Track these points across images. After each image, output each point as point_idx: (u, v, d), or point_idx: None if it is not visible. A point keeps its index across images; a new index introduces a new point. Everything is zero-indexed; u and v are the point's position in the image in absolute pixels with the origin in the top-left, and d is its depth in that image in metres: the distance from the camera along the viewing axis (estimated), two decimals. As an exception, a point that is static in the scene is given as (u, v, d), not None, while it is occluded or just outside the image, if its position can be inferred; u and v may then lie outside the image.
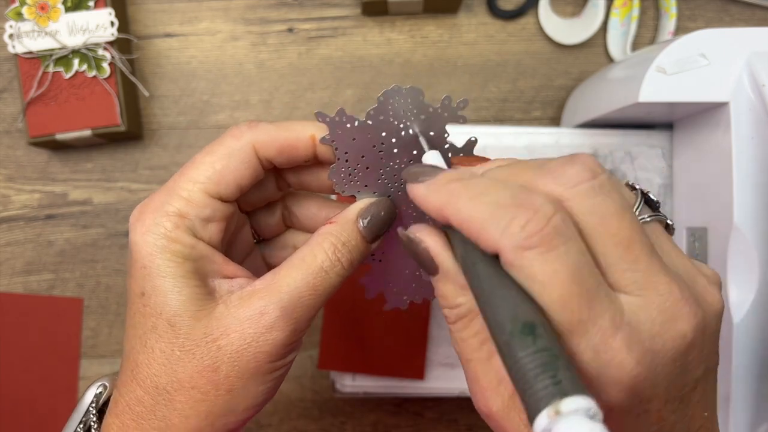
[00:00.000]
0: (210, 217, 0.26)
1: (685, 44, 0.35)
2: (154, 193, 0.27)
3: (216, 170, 0.26)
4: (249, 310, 0.25)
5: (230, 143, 0.26)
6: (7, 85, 0.48)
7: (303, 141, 0.27)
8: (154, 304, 0.25)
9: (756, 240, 0.34)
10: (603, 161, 0.42)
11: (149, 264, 0.25)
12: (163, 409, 0.25)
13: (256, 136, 0.27)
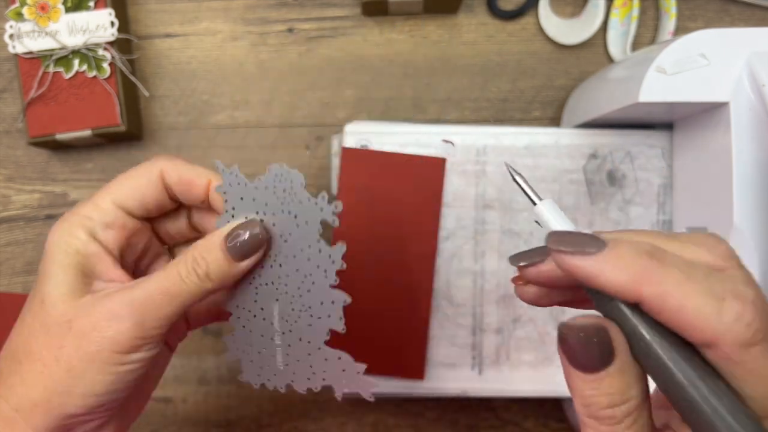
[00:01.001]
0: (110, 223, 0.30)
1: (685, 44, 0.35)
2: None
3: (127, 186, 0.30)
4: (105, 303, 0.27)
5: (144, 167, 0.31)
6: (7, 85, 0.48)
7: (200, 182, 0.31)
8: (39, 284, 0.28)
9: (756, 240, 0.34)
10: (603, 161, 0.42)
11: (47, 251, 0.29)
12: (14, 376, 0.27)
13: (166, 165, 0.31)
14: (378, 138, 0.41)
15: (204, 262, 0.28)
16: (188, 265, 0.28)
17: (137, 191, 0.30)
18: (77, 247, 0.29)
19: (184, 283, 0.28)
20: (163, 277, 0.28)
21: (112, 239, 0.30)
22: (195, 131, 0.48)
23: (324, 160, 0.48)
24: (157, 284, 0.28)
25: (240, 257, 0.29)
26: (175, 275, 0.28)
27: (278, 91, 0.48)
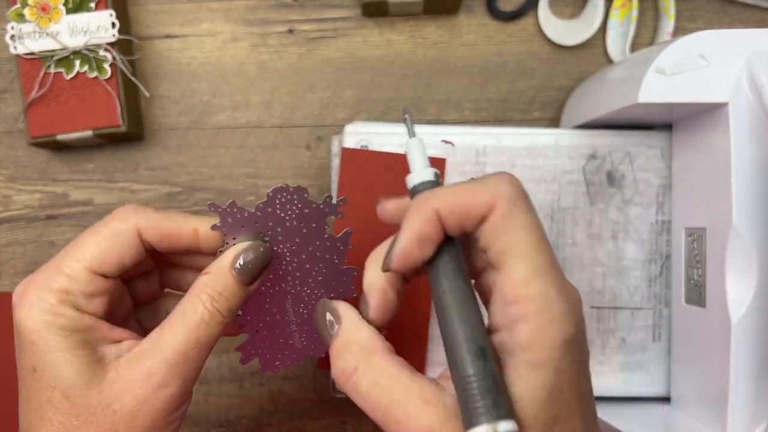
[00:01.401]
0: (93, 292, 0.27)
1: (685, 45, 0.35)
2: (38, 270, 0.28)
3: (100, 249, 0.28)
4: (138, 372, 0.26)
5: (116, 225, 0.28)
6: (8, 86, 0.48)
7: (185, 233, 0.29)
8: (47, 378, 0.26)
9: (755, 240, 0.34)
10: (602, 162, 0.42)
11: (37, 339, 0.26)
12: None
13: (141, 221, 0.28)
14: (378, 138, 0.41)
15: (223, 298, 0.27)
16: (207, 305, 0.27)
17: (113, 254, 0.28)
18: (70, 326, 0.26)
19: (210, 326, 0.27)
20: (190, 327, 0.27)
21: (99, 307, 0.28)
22: (195, 132, 0.48)
23: (324, 160, 0.48)
24: (185, 336, 0.27)
25: (250, 280, 0.28)
26: (199, 322, 0.27)
27: (279, 91, 0.48)
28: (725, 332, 0.35)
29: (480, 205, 0.24)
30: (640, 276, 0.42)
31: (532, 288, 0.23)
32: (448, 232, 0.25)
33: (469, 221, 0.24)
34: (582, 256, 0.42)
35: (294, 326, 0.32)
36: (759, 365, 0.34)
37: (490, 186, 0.24)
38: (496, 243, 0.24)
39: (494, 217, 0.24)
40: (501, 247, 0.24)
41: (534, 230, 0.24)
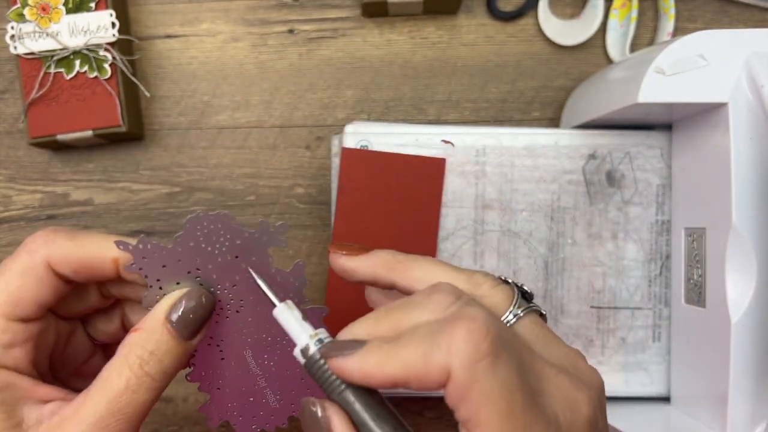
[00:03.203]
0: (11, 342, 0.24)
1: (684, 45, 0.35)
2: None
3: (10, 291, 0.24)
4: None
5: (24, 260, 0.25)
6: (8, 86, 0.48)
7: (104, 263, 0.25)
8: None
9: (754, 240, 0.34)
10: (602, 162, 0.42)
11: None
12: None
13: (50, 252, 0.25)
14: (378, 138, 0.41)
15: (154, 358, 0.24)
16: (135, 370, 0.24)
17: (26, 294, 0.24)
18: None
19: (138, 394, 0.24)
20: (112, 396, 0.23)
21: (21, 359, 0.25)
22: (196, 132, 0.48)
23: (324, 160, 0.48)
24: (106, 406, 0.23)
25: (191, 335, 0.25)
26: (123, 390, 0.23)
27: (279, 91, 0.48)
28: (725, 332, 0.35)
29: (435, 374, 0.20)
30: (640, 276, 0.42)
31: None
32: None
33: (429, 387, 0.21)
34: (582, 255, 0.42)
35: (263, 381, 0.28)
36: (759, 365, 0.34)
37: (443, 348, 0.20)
38: (459, 410, 0.21)
39: (451, 386, 0.20)
40: (465, 415, 0.21)
41: (500, 394, 0.20)
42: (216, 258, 0.26)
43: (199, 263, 0.26)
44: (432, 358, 0.20)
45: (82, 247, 0.25)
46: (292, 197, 0.48)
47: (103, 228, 0.48)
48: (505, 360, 0.21)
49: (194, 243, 0.25)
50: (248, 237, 0.26)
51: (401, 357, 0.21)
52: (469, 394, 0.20)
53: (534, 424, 0.20)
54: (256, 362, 0.28)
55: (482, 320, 0.21)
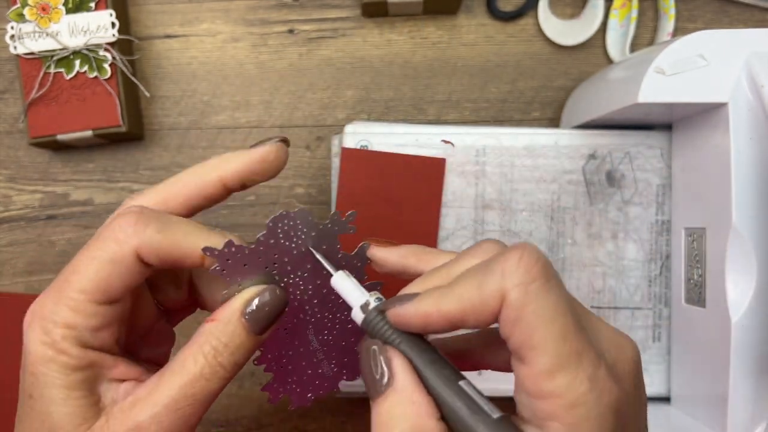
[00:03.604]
0: (99, 326, 0.25)
1: (684, 45, 0.35)
2: (45, 294, 0.26)
3: (101, 278, 0.25)
4: (126, 425, 0.24)
5: (112, 249, 0.25)
6: (8, 86, 0.48)
7: (190, 257, 0.26)
8: (39, 410, 0.25)
9: (754, 240, 0.34)
10: (602, 162, 0.42)
11: (37, 372, 0.25)
12: None
13: (140, 244, 0.25)
14: (378, 138, 0.41)
15: (228, 350, 0.25)
16: (209, 358, 0.25)
17: (115, 281, 0.25)
18: (72, 364, 0.25)
19: (210, 383, 0.25)
20: (186, 382, 0.24)
21: (107, 339, 0.26)
22: (196, 132, 0.48)
23: (324, 160, 0.48)
24: (180, 390, 0.24)
25: (263, 330, 0.26)
26: (197, 376, 0.25)
27: (278, 91, 0.48)
28: (725, 332, 0.35)
29: (490, 301, 0.21)
30: (640, 276, 0.42)
31: (558, 382, 0.20)
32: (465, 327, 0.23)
33: (484, 319, 0.22)
34: (582, 255, 0.42)
35: (321, 354, 0.30)
36: (759, 365, 0.34)
37: (496, 273, 0.21)
38: (513, 335, 0.21)
39: (506, 309, 0.21)
40: (519, 340, 0.21)
41: (554, 316, 0.21)
42: (292, 251, 0.27)
43: (276, 258, 0.27)
44: (486, 285, 0.21)
45: (171, 241, 0.25)
46: (292, 197, 0.48)
47: (103, 228, 0.48)
48: (556, 285, 0.21)
49: (274, 240, 0.27)
50: (322, 228, 0.27)
51: (456, 293, 0.22)
52: (522, 315, 0.21)
53: (586, 351, 0.21)
54: (317, 339, 0.29)
55: (533, 248, 0.22)
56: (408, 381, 0.23)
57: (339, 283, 0.26)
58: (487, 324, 0.22)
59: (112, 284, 0.25)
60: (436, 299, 0.22)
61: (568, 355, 0.21)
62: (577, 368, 0.20)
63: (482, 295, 0.21)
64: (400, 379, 0.23)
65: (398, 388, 0.22)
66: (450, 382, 0.22)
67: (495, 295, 0.21)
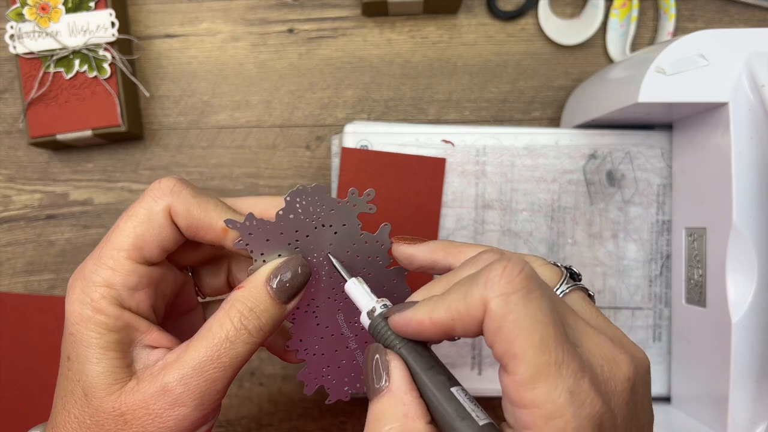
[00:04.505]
0: (136, 284, 0.27)
1: (685, 45, 0.35)
2: (87, 258, 0.27)
3: (138, 235, 0.27)
4: (155, 387, 0.25)
5: (149, 205, 0.27)
6: (8, 86, 0.48)
7: (213, 229, 0.27)
8: (75, 371, 0.26)
9: (755, 240, 0.34)
10: (602, 161, 0.42)
11: (75, 332, 0.26)
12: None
13: (173, 202, 0.27)
14: (378, 138, 0.41)
15: (253, 315, 0.26)
16: (235, 323, 0.26)
17: (151, 237, 0.27)
18: (108, 324, 0.26)
19: (235, 346, 0.26)
20: (212, 344, 0.26)
21: (143, 302, 0.27)
22: (195, 131, 0.48)
23: (324, 160, 0.48)
24: (206, 353, 0.25)
25: (288, 299, 0.27)
26: (223, 340, 0.26)
27: (278, 91, 0.48)
28: (725, 332, 0.35)
29: (474, 310, 0.22)
30: (641, 276, 0.42)
31: (537, 392, 0.20)
32: (455, 336, 0.24)
33: (471, 328, 0.22)
34: (582, 255, 0.42)
35: (353, 342, 0.30)
36: (759, 365, 0.34)
37: (480, 283, 0.22)
38: (495, 344, 0.22)
39: (487, 319, 0.21)
40: (500, 349, 0.21)
41: (533, 326, 0.21)
42: (312, 228, 0.28)
43: (297, 234, 0.28)
44: (471, 295, 0.22)
45: (200, 207, 0.27)
46: (292, 197, 0.48)
47: (103, 228, 0.48)
48: (538, 296, 0.22)
49: (294, 215, 0.27)
50: (341, 206, 0.28)
51: (446, 302, 0.23)
52: (503, 325, 0.21)
53: (568, 362, 0.21)
54: (347, 325, 0.30)
55: (517, 260, 0.22)
56: (401, 383, 0.23)
57: (350, 289, 0.27)
58: (474, 333, 0.22)
59: (147, 240, 0.27)
60: (429, 308, 0.23)
61: (546, 366, 0.21)
62: (556, 379, 0.20)
63: (467, 305, 0.22)
64: (395, 382, 0.23)
65: (392, 389, 0.23)
66: (442, 387, 0.23)
67: (478, 304, 0.22)
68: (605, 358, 0.23)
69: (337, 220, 0.28)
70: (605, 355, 0.23)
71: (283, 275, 0.27)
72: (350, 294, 0.27)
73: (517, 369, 0.21)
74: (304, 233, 0.28)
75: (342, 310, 0.30)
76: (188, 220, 0.27)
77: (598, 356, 0.22)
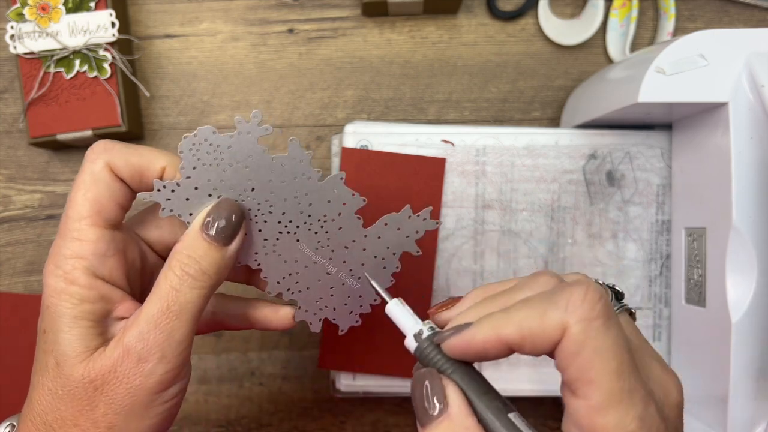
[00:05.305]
0: (105, 250, 0.27)
1: (685, 45, 0.35)
2: (56, 237, 0.27)
3: (91, 200, 0.27)
4: (119, 349, 0.26)
5: (89, 168, 0.27)
6: (8, 86, 0.48)
7: (154, 167, 0.28)
8: (49, 341, 0.26)
9: (754, 240, 0.34)
10: (602, 161, 0.42)
11: (50, 305, 0.26)
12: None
13: (111, 158, 0.27)
14: (378, 138, 0.41)
15: (192, 260, 0.26)
16: (176, 270, 0.26)
17: (104, 200, 0.27)
18: (81, 294, 0.26)
19: (181, 293, 0.26)
20: (159, 297, 0.26)
21: (115, 270, 0.27)
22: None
23: (324, 160, 0.48)
24: (157, 306, 0.26)
25: (226, 240, 0.27)
26: (168, 289, 0.26)
27: (278, 91, 0.48)
28: (725, 332, 0.35)
29: (550, 331, 0.22)
30: (640, 276, 0.42)
31: (609, 418, 0.21)
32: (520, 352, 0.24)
33: (541, 347, 0.22)
34: (582, 255, 0.42)
35: (331, 266, 0.30)
36: (759, 365, 0.34)
37: (560, 306, 0.22)
38: (570, 368, 0.22)
39: (566, 342, 0.22)
40: (575, 373, 0.22)
41: (612, 354, 0.21)
42: (222, 171, 0.28)
43: (211, 183, 0.28)
44: (549, 315, 0.22)
45: (136, 153, 0.28)
46: (292, 197, 0.48)
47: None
48: (616, 324, 0.22)
49: (196, 166, 0.27)
50: (233, 139, 0.28)
51: (516, 320, 0.23)
52: (582, 350, 0.21)
53: (637, 390, 0.22)
54: (313, 250, 0.29)
55: (596, 287, 0.22)
56: (461, 409, 0.23)
57: (393, 311, 0.27)
58: (543, 352, 0.23)
59: (102, 202, 0.27)
60: (495, 325, 0.23)
61: (620, 392, 0.21)
62: (628, 406, 0.21)
63: (543, 324, 0.22)
64: (455, 408, 0.23)
65: (452, 416, 0.23)
66: (500, 414, 0.23)
67: (557, 325, 0.22)
68: (660, 384, 0.23)
69: (241, 155, 0.28)
70: (660, 380, 0.24)
71: (214, 217, 0.27)
72: (392, 316, 0.27)
73: (591, 394, 0.21)
74: (218, 179, 0.28)
75: (301, 238, 0.29)
76: (129, 169, 0.27)
77: (656, 382, 0.23)
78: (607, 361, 0.21)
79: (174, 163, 0.28)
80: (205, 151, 0.28)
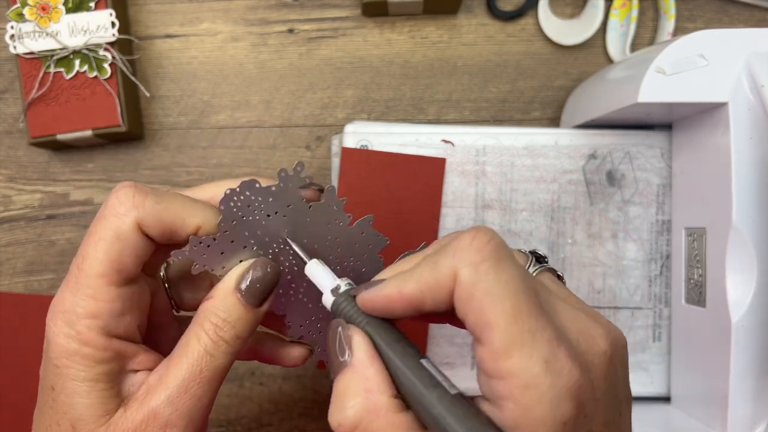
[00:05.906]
0: (122, 310, 0.26)
1: (684, 45, 0.35)
2: (62, 288, 0.26)
3: (112, 259, 0.25)
4: (143, 413, 0.25)
5: (115, 224, 0.25)
6: (8, 86, 0.48)
7: (187, 225, 0.26)
8: (62, 403, 0.25)
9: (754, 240, 0.34)
10: (602, 161, 0.42)
11: (61, 365, 0.25)
12: None
13: (140, 216, 0.25)
14: (378, 138, 0.41)
15: (227, 324, 0.26)
16: (211, 335, 0.25)
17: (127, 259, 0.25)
18: (96, 357, 0.25)
19: (215, 358, 0.25)
20: (193, 362, 0.25)
21: (130, 325, 0.26)
22: (196, 131, 0.48)
23: (324, 160, 0.48)
24: (189, 371, 0.25)
25: (260, 302, 0.26)
26: (203, 354, 0.25)
27: (279, 91, 0.48)
28: (725, 332, 0.35)
29: (443, 280, 0.21)
30: (640, 276, 0.42)
31: (513, 361, 0.20)
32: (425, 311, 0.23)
33: (441, 300, 0.22)
34: (582, 255, 0.42)
35: None
36: (759, 365, 0.34)
37: (449, 254, 0.21)
38: (468, 315, 0.21)
39: (458, 288, 0.21)
40: (472, 319, 0.21)
41: (505, 294, 0.20)
42: (260, 223, 0.27)
43: (248, 236, 0.27)
44: (440, 265, 0.21)
45: (168, 211, 0.26)
46: (292, 197, 0.48)
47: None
48: (509, 264, 0.21)
49: (235, 220, 0.27)
50: (276, 191, 0.27)
51: (415, 275, 0.22)
52: (474, 293, 0.21)
53: (542, 330, 0.20)
54: None
55: (486, 230, 0.22)
56: (364, 357, 0.23)
57: (311, 270, 0.27)
58: (446, 305, 0.22)
59: (124, 261, 0.25)
60: (398, 282, 0.23)
61: (520, 334, 0.20)
62: (531, 348, 0.20)
63: (437, 276, 0.22)
64: (357, 356, 0.23)
65: (354, 364, 0.23)
66: (411, 359, 0.22)
67: (448, 274, 0.21)
68: (581, 331, 0.22)
69: (280, 205, 0.27)
70: (581, 328, 0.22)
71: (251, 279, 0.26)
72: (311, 275, 0.26)
73: (490, 338, 0.20)
74: (255, 231, 0.27)
75: None
76: (160, 228, 0.26)
77: (574, 329, 0.22)
78: (500, 301, 0.20)
79: (210, 220, 0.27)
80: (246, 204, 0.27)
